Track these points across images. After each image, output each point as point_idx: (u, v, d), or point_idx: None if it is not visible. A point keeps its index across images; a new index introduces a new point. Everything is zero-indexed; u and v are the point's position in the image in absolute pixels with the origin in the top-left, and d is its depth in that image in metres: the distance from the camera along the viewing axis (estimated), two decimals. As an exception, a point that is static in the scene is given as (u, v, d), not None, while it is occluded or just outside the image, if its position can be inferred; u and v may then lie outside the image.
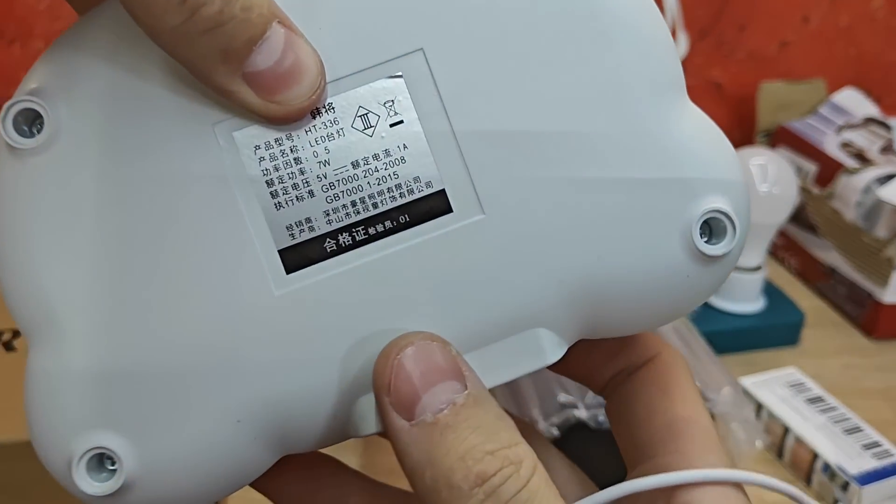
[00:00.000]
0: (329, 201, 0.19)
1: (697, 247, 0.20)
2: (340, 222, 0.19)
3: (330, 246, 0.19)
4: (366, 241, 0.19)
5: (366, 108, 0.19)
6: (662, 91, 0.20)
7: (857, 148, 0.73)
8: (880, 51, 0.89)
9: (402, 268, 0.19)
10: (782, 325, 0.66)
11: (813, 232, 0.74)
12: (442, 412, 0.18)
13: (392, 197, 0.19)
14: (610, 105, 0.19)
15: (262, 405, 0.19)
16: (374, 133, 0.19)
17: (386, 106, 0.19)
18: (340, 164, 0.19)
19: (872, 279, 0.67)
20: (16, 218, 0.19)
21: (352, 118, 0.19)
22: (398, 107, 0.19)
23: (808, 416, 0.53)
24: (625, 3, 0.20)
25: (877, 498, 0.48)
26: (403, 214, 0.19)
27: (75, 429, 0.19)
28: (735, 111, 0.90)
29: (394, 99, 0.19)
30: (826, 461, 0.49)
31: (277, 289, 0.19)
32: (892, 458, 0.49)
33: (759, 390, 0.56)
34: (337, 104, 0.19)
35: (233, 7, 0.17)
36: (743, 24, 0.87)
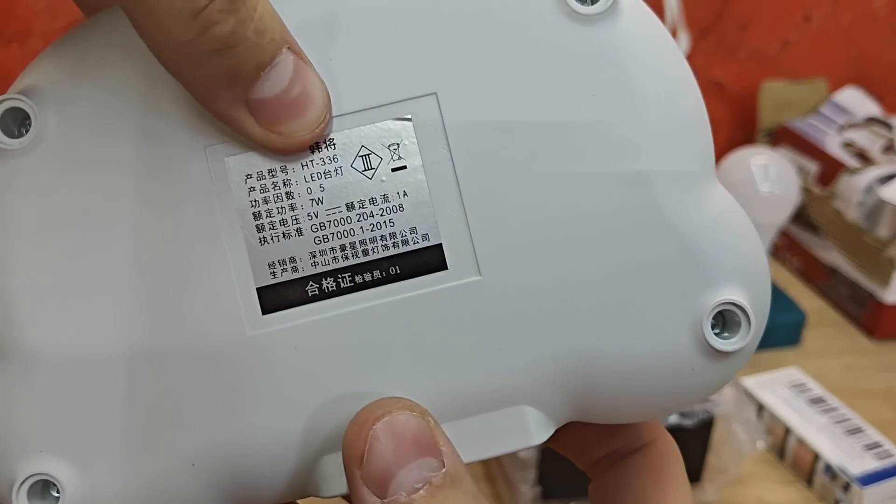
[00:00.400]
0: (317, 242, 0.18)
1: (707, 339, 0.19)
2: (326, 266, 0.18)
3: (312, 290, 0.18)
4: (351, 289, 0.18)
5: (369, 148, 0.18)
6: (689, 170, 0.19)
7: (858, 147, 0.73)
8: (882, 50, 0.89)
9: (385, 323, 0.18)
10: (784, 326, 0.66)
11: (814, 232, 0.73)
12: (417, 492, 0.16)
13: (385, 245, 0.18)
14: (630, 181, 0.18)
15: (219, 451, 0.18)
16: (375, 176, 0.18)
17: (390, 149, 0.18)
18: (334, 205, 0.18)
19: (874, 279, 0.66)
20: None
21: (352, 157, 0.18)
22: (403, 151, 0.18)
23: (809, 416, 0.53)
24: (659, 73, 0.19)
25: (878, 499, 0.48)
26: (395, 266, 0.18)
27: (22, 451, 0.18)
28: (737, 111, 0.90)
29: (399, 142, 0.18)
30: (827, 462, 0.49)
31: (251, 329, 0.18)
32: (893, 458, 0.49)
33: (761, 391, 0.56)
34: (339, 140, 0.18)
35: (246, 29, 0.16)
36: (744, 24, 0.87)
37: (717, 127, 0.87)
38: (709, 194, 0.19)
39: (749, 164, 0.63)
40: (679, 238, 0.18)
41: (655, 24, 0.20)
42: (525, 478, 0.44)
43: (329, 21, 0.18)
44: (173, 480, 0.18)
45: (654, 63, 0.19)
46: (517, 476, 0.44)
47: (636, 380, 0.19)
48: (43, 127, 0.18)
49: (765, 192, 0.62)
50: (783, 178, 0.62)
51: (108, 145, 0.18)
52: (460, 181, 0.18)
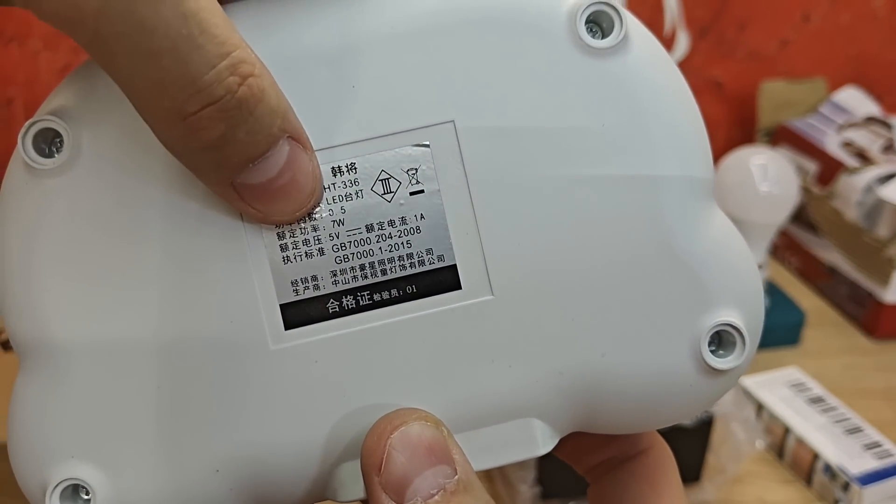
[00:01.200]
0: (338, 262, 0.19)
1: (704, 358, 0.20)
2: (346, 284, 0.19)
3: (333, 307, 0.19)
4: (369, 306, 0.19)
5: (388, 172, 0.19)
6: (691, 196, 0.20)
7: (857, 147, 0.73)
8: (881, 49, 0.89)
9: (402, 338, 0.19)
10: (783, 325, 0.66)
11: (814, 231, 0.74)
12: (433, 498, 0.17)
13: (402, 266, 0.19)
14: (639, 204, 0.19)
15: (243, 458, 0.19)
16: (393, 199, 0.19)
17: (409, 173, 0.19)
18: (354, 226, 0.19)
19: (873, 279, 0.66)
20: (23, 237, 0.19)
21: (372, 181, 0.19)
22: (421, 175, 0.19)
23: (808, 416, 0.53)
24: (669, 105, 0.20)
25: (878, 498, 0.48)
26: (411, 285, 0.19)
27: (55, 457, 0.19)
28: (736, 110, 0.90)
29: (417, 167, 0.19)
30: (827, 461, 0.49)
31: (274, 343, 0.19)
32: (893, 458, 0.49)
33: (760, 390, 0.56)
34: (360, 165, 0.19)
35: (237, 132, 0.16)
36: (743, 23, 0.87)
37: (715, 127, 0.87)
38: (711, 218, 0.20)
39: (748, 163, 0.63)
40: (684, 262, 0.20)
41: (663, 57, 0.20)
42: (524, 477, 0.44)
43: (353, 49, 0.18)
44: (198, 485, 0.19)
45: (664, 96, 0.20)
46: (516, 476, 0.45)
47: (637, 394, 0.20)
48: (76, 147, 0.18)
49: (764, 192, 0.62)
50: (782, 177, 0.62)
51: (138, 165, 0.19)
52: (475, 205, 0.19)
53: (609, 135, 0.19)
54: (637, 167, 0.19)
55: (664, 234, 0.19)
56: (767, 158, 0.63)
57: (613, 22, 0.18)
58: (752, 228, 0.63)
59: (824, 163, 0.73)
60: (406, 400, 0.19)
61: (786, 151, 0.78)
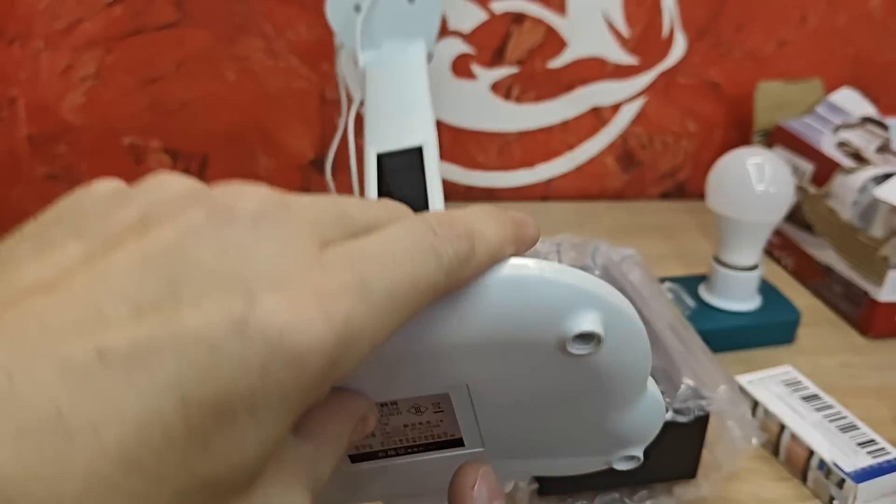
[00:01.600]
0: (383, 443, 0.28)
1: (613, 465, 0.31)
2: (390, 446, 0.28)
3: (381, 454, 0.28)
4: (404, 454, 0.28)
5: (419, 403, 0.27)
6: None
7: (853, 147, 0.74)
8: (878, 50, 0.90)
9: (426, 466, 0.29)
10: (778, 324, 0.66)
11: (809, 231, 0.74)
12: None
13: (426, 437, 0.28)
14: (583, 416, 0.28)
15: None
16: (422, 415, 0.27)
17: (432, 403, 0.27)
18: (395, 426, 0.27)
19: (868, 278, 0.67)
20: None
21: (408, 407, 0.27)
22: (442, 405, 0.27)
23: (803, 413, 0.54)
24: (622, 384, 0.27)
25: (872, 495, 0.48)
26: (432, 445, 0.28)
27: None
28: (733, 111, 0.91)
29: (440, 402, 0.27)
30: (822, 458, 0.50)
31: (345, 468, 0.29)
32: (887, 455, 0.50)
33: (756, 388, 0.56)
34: (399, 402, 0.27)
35: None
36: (741, 24, 0.87)
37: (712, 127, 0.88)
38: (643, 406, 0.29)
39: (745, 163, 0.63)
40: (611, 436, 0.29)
41: (631, 340, 0.26)
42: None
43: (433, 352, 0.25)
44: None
45: (622, 378, 0.27)
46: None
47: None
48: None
49: (760, 192, 0.62)
50: (778, 177, 0.62)
51: None
52: (478, 417, 0.27)
53: (579, 399, 0.27)
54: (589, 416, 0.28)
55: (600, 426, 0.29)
56: (764, 158, 0.63)
57: (592, 338, 0.24)
58: (749, 228, 0.63)
59: (820, 163, 0.73)
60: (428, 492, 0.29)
61: (782, 151, 0.78)
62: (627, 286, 0.56)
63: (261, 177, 0.92)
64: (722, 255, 0.66)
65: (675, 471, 0.48)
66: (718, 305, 0.66)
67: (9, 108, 0.90)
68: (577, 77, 0.89)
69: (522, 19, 0.86)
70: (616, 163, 0.94)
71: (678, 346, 0.49)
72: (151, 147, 0.93)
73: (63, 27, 0.85)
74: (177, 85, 0.89)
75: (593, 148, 0.93)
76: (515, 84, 0.89)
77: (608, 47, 0.88)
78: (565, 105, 0.91)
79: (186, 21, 0.86)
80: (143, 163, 0.93)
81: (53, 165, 0.93)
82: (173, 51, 0.87)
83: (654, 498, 0.48)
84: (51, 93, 0.89)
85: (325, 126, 0.91)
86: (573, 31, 0.87)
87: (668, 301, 0.55)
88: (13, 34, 0.86)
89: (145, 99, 0.90)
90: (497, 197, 0.95)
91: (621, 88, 0.90)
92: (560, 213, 0.91)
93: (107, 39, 0.86)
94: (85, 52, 0.87)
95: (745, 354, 0.65)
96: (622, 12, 0.86)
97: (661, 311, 0.53)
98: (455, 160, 0.92)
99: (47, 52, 0.87)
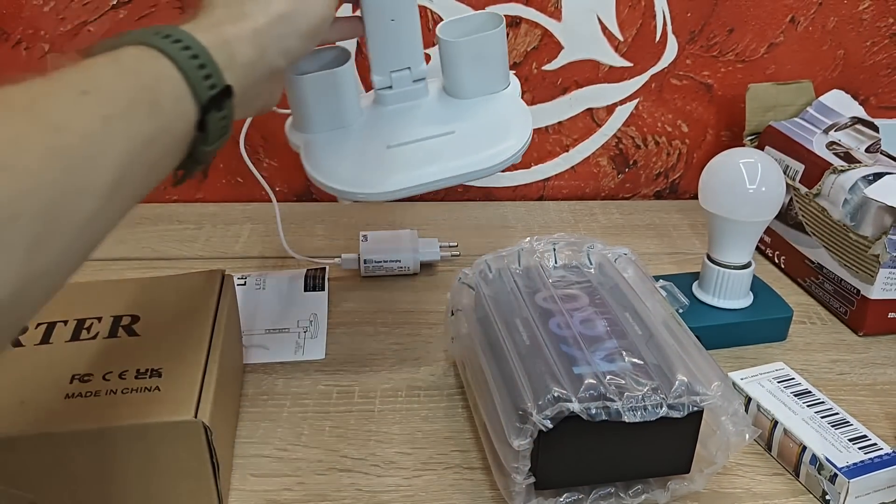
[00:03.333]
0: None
1: None
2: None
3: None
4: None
5: None
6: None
7: (844, 147, 0.74)
8: (867, 52, 0.91)
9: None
10: (771, 321, 0.67)
11: (801, 230, 0.75)
12: None
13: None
14: None
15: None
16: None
17: None
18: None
19: (859, 276, 0.68)
20: None
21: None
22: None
23: (796, 409, 0.54)
24: None
25: (864, 490, 0.49)
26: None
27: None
28: (725, 112, 0.92)
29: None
30: (814, 453, 0.51)
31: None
32: (878, 451, 0.51)
33: (749, 385, 0.57)
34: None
35: None
36: (732, 26, 0.88)
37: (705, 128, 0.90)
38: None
39: (737, 163, 0.64)
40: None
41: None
42: (519, 469, 0.45)
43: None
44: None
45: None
46: (511, 466, 0.46)
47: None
48: None
49: (751, 191, 0.63)
50: (769, 177, 0.63)
51: None
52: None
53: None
54: None
55: None
56: (755, 158, 0.64)
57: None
58: (741, 226, 0.64)
59: (811, 163, 0.74)
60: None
61: (773, 152, 0.79)
62: (622, 283, 0.56)
63: (263, 176, 0.93)
64: (714, 254, 0.67)
65: (669, 466, 0.49)
66: (711, 303, 0.67)
67: (9, 111, 0.90)
68: (571, 79, 0.90)
69: (518, 23, 0.87)
70: (610, 163, 0.95)
71: (672, 342, 0.50)
72: (150, 149, 0.93)
73: (68, 29, 0.86)
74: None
75: (588, 149, 0.94)
76: (511, 86, 0.90)
77: (602, 50, 0.89)
78: (560, 107, 0.92)
79: (185, 24, 0.86)
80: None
81: (53, 168, 0.94)
82: (172, 54, 0.88)
83: (649, 492, 0.49)
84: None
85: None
86: (568, 34, 0.88)
87: (662, 299, 0.56)
88: (19, 36, 0.86)
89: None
90: (494, 196, 0.95)
91: (615, 90, 0.91)
92: (556, 212, 0.92)
93: (108, 42, 0.87)
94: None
95: (738, 351, 0.66)
96: (616, 16, 0.87)
97: (654, 308, 0.54)
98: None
99: (53, 54, 0.87)
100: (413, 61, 0.58)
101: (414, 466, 0.52)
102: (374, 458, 0.53)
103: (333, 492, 0.50)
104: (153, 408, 0.45)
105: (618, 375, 0.46)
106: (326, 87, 0.56)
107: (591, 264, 0.60)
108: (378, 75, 0.58)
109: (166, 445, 0.45)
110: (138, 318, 0.52)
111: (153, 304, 0.54)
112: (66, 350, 0.49)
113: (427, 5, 0.86)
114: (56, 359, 0.48)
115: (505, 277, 0.58)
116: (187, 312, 0.53)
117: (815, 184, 0.72)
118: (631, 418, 0.44)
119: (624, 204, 0.95)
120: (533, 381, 0.46)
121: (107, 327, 0.51)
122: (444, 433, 0.55)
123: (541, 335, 0.50)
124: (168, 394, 0.46)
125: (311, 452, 0.54)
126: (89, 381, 0.46)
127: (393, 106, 0.59)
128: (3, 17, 0.86)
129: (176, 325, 0.52)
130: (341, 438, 0.55)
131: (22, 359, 0.48)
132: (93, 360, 0.48)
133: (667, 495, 0.49)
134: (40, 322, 0.52)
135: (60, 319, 0.52)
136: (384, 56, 0.57)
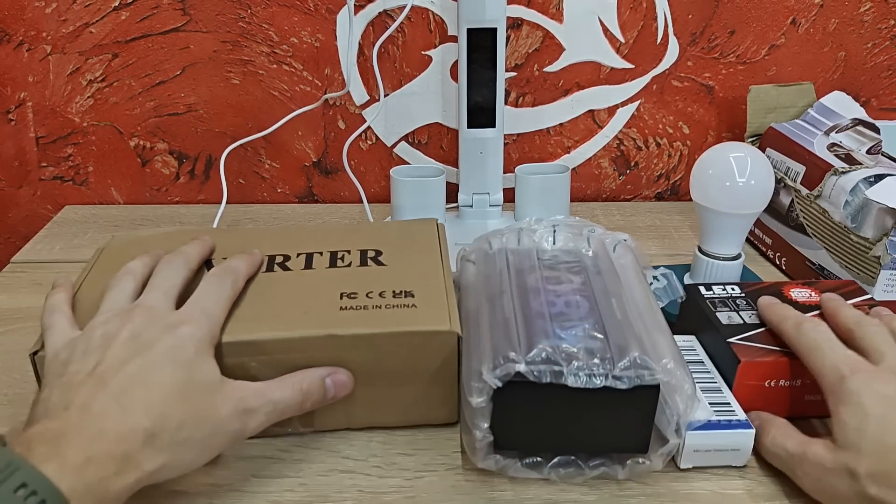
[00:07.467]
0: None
1: None
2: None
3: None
4: None
5: None
6: None
7: (845, 149, 0.75)
8: (868, 54, 0.91)
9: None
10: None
11: (802, 232, 0.75)
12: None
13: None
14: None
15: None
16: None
17: None
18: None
19: (860, 278, 0.68)
20: None
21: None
22: None
23: None
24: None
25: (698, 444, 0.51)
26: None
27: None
28: (726, 114, 0.92)
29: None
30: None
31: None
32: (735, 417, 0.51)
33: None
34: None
35: None
36: (733, 28, 0.88)
37: (706, 129, 0.90)
38: None
39: (727, 157, 0.65)
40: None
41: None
42: (478, 425, 0.47)
43: None
44: None
45: None
46: (472, 423, 0.48)
47: None
48: None
49: (741, 184, 0.64)
50: (759, 170, 0.64)
51: None
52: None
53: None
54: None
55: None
56: (744, 152, 0.65)
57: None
58: (731, 219, 0.65)
59: (812, 165, 0.74)
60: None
61: (774, 153, 0.79)
62: (613, 268, 0.57)
63: (265, 178, 0.93)
64: (705, 245, 0.68)
65: (626, 443, 0.49)
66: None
67: (17, 111, 0.91)
68: (573, 81, 0.90)
69: (520, 25, 0.87)
70: (611, 165, 0.96)
71: (640, 325, 0.50)
72: (157, 149, 0.94)
73: (70, 31, 0.87)
74: (182, 88, 0.90)
75: (589, 150, 0.95)
76: (513, 88, 0.91)
77: (604, 52, 0.89)
78: (562, 108, 0.92)
79: (192, 25, 0.87)
80: (150, 164, 0.94)
81: (61, 167, 0.94)
82: (179, 54, 0.88)
83: (608, 466, 0.50)
84: (58, 95, 0.90)
85: (328, 129, 0.92)
86: (569, 36, 0.88)
87: (645, 284, 0.57)
88: (21, 38, 0.87)
89: (151, 101, 0.91)
90: (495, 199, 0.96)
91: (616, 92, 0.91)
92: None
93: (113, 43, 0.88)
94: (92, 56, 0.88)
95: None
96: (617, 18, 0.87)
97: (633, 291, 0.55)
98: (455, 163, 0.93)
99: (55, 55, 0.88)
100: (492, 189, 0.81)
101: (415, 468, 0.53)
102: (375, 460, 0.53)
103: (335, 493, 0.51)
104: (416, 319, 0.52)
105: (572, 346, 0.47)
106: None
107: (589, 247, 0.60)
108: (464, 194, 0.81)
109: (424, 352, 0.52)
110: (380, 251, 0.61)
111: (389, 241, 0.63)
112: (328, 274, 0.58)
113: (429, 7, 0.86)
114: (322, 280, 0.57)
115: (499, 256, 0.60)
116: (419, 248, 0.62)
117: (816, 185, 0.72)
118: (573, 383, 0.45)
119: (625, 205, 0.95)
120: (493, 348, 0.48)
121: (357, 258, 0.60)
122: (445, 434, 0.56)
123: (515, 310, 0.52)
124: (423, 311, 0.53)
125: (313, 454, 0.54)
126: (355, 298, 0.54)
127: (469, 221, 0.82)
128: (5, 19, 0.86)
129: (414, 258, 0.60)
130: (342, 439, 0.55)
131: (294, 280, 0.57)
132: (354, 282, 0.56)
133: (625, 472, 0.49)
134: (300, 252, 0.61)
135: (316, 251, 0.61)
136: (469, 181, 0.80)
